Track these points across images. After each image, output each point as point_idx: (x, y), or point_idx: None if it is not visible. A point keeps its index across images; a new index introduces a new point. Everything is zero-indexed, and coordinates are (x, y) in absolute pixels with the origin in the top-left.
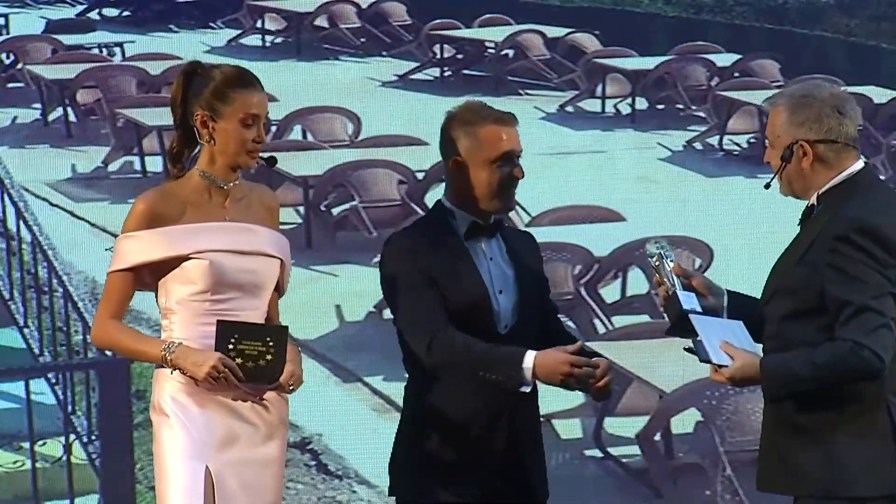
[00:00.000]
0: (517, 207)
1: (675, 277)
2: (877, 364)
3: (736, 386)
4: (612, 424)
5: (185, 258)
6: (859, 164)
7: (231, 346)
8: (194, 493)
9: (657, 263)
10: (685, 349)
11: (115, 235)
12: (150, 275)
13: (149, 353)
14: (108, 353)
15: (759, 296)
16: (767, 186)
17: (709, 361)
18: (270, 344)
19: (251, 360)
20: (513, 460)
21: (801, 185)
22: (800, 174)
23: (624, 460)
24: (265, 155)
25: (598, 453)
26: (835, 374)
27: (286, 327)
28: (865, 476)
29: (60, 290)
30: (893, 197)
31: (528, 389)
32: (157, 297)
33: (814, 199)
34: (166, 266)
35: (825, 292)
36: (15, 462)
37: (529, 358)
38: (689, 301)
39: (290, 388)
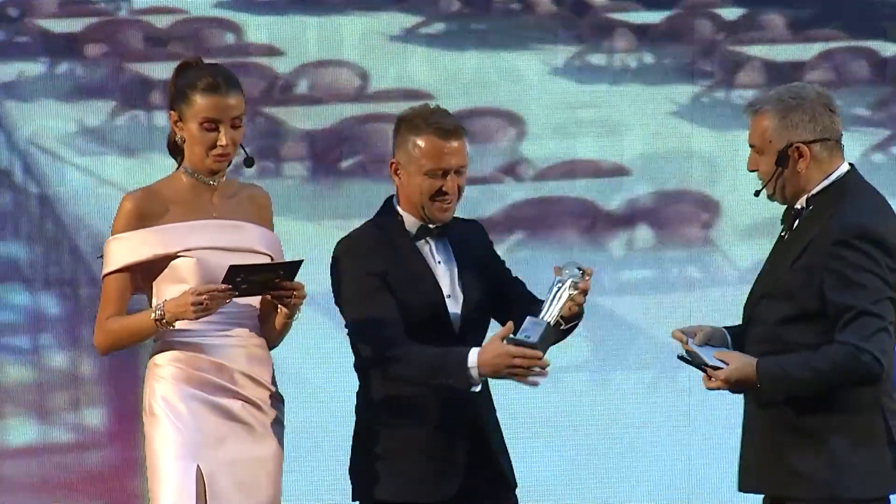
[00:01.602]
0: (526, 161)
1: (556, 306)
2: (877, 368)
3: (731, 389)
4: None
5: (174, 256)
6: (846, 166)
7: (239, 280)
8: (186, 493)
9: (574, 281)
10: (679, 357)
11: (123, 189)
12: (142, 277)
13: (143, 327)
14: None
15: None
16: (757, 194)
17: (704, 365)
18: (281, 273)
19: (260, 286)
20: (481, 451)
21: (794, 188)
22: (795, 177)
23: None
24: (244, 155)
25: None
26: (834, 378)
27: (301, 260)
28: (865, 478)
29: (67, 244)
30: (881, 199)
31: (478, 389)
32: (149, 300)
33: (803, 202)
34: (156, 266)
35: (825, 297)
36: None
37: (473, 358)
38: (526, 330)
39: (294, 298)
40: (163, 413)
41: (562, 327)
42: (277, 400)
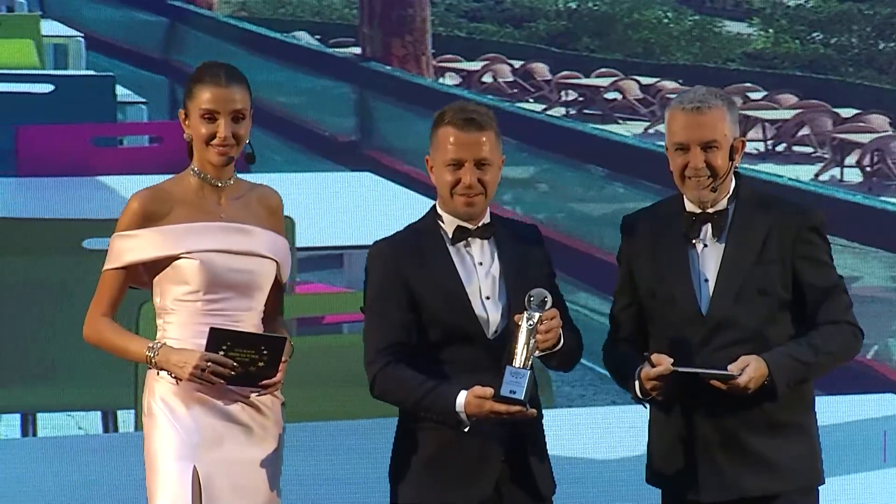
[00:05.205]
0: None
1: (525, 352)
2: (862, 341)
3: (746, 391)
4: None
5: (177, 258)
6: None
7: (222, 353)
8: (183, 494)
9: (530, 324)
10: (709, 382)
11: None
12: (146, 273)
13: (134, 353)
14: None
15: None
16: (714, 189)
17: (709, 376)
18: (265, 352)
19: (242, 366)
20: (515, 456)
21: (727, 183)
22: (731, 172)
23: None
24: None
25: None
26: (840, 357)
27: (284, 338)
28: (821, 464)
29: None
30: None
31: (467, 429)
32: (152, 295)
33: (724, 203)
34: (159, 265)
35: (802, 283)
36: None
37: (461, 403)
38: (510, 383)
39: (270, 390)
40: (161, 413)
41: (538, 355)
42: (277, 402)
